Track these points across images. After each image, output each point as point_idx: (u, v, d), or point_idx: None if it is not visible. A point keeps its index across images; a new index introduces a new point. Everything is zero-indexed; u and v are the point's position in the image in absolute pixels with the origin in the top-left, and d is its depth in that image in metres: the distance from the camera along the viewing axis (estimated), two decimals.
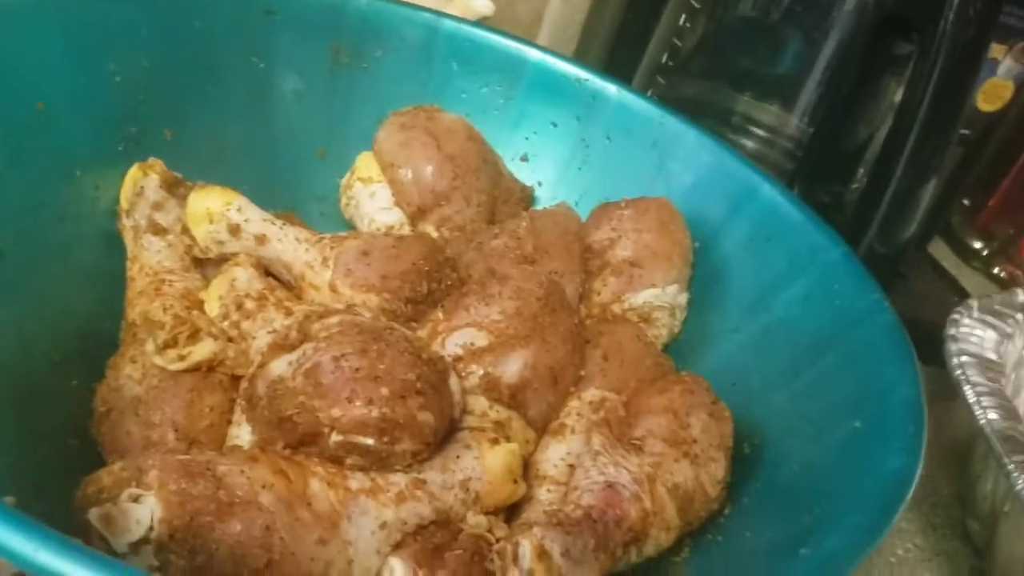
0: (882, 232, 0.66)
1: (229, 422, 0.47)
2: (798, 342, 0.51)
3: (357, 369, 0.41)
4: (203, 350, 0.46)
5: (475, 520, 0.43)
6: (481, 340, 0.47)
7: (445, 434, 0.43)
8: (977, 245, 1.01)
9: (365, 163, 0.59)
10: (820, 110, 0.72)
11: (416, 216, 0.57)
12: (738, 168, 0.58)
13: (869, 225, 0.65)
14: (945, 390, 0.59)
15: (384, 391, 0.40)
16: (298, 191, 0.61)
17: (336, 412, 0.40)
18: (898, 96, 0.67)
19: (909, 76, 0.67)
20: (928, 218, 0.90)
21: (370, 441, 0.40)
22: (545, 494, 0.46)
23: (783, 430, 0.47)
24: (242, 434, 0.45)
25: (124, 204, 0.52)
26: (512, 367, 0.47)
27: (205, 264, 0.52)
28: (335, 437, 0.40)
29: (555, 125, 0.64)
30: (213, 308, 0.49)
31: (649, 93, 0.78)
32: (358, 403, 0.40)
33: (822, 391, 0.47)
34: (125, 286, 0.51)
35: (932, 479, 0.67)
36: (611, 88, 0.62)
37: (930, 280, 0.92)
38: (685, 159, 0.59)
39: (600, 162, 0.63)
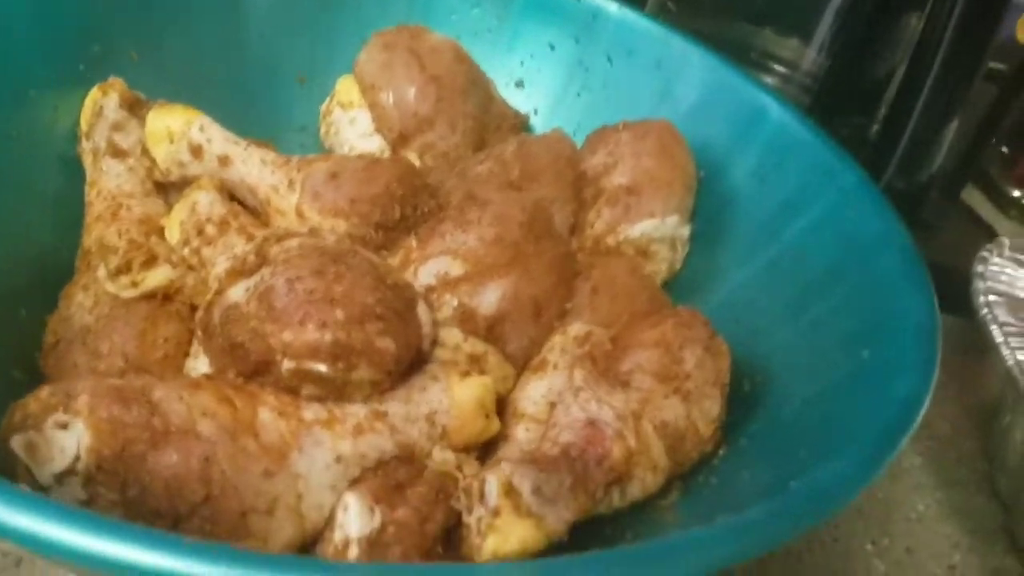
0: (902, 171, 0.60)
1: (187, 355, 0.43)
2: (808, 274, 0.46)
3: (311, 291, 0.37)
4: (158, 276, 0.43)
5: (442, 456, 0.39)
6: (457, 269, 0.43)
7: (411, 365, 0.40)
8: (1016, 194, 0.96)
9: (346, 87, 0.55)
10: (838, 42, 0.66)
11: (398, 143, 0.53)
12: (747, 90, 0.53)
13: (888, 163, 0.60)
14: (976, 341, 0.55)
15: (339, 314, 0.37)
16: (276, 120, 0.57)
17: (287, 336, 0.37)
18: (921, 25, 0.62)
19: (931, 3, 0.61)
20: (961, 162, 0.85)
21: (323, 368, 0.36)
22: (523, 433, 0.42)
23: (788, 366, 0.43)
24: (199, 367, 0.42)
25: (84, 126, 0.49)
26: (489, 298, 0.43)
27: (170, 190, 0.49)
28: (287, 364, 0.37)
29: (552, 47, 0.59)
30: (174, 234, 0.46)
31: None
32: (311, 327, 0.36)
33: (833, 323, 0.43)
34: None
35: (957, 433, 0.63)
36: (612, 6, 0.57)
37: (964, 229, 0.87)
38: (691, 81, 0.55)
39: (600, 86, 0.58)
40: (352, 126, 0.54)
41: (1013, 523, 0.56)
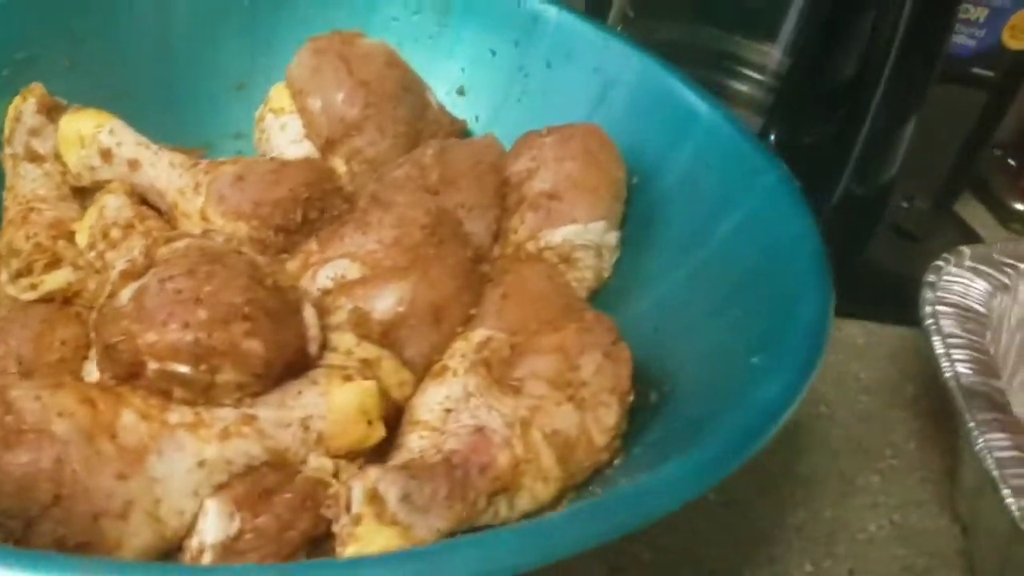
0: (859, 175, 0.58)
1: (85, 358, 0.43)
2: (730, 279, 0.45)
3: (179, 291, 0.37)
4: (57, 279, 0.43)
5: (318, 463, 0.38)
6: (354, 272, 0.43)
7: (291, 369, 0.39)
8: (1019, 207, 0.92)
9: (278, 93, 0.54)
10: (800, 42, 0.64)
11: (325, 148, 0.52)
12: (680, 91, 0.52)
13: (845, 167, 0.58)
14: None
15: (202, 314, 0.36)
16: (213, 127, 0.57)
17: (151, 337, 0.36)
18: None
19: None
20: (952, 173, 0.82)
21: (185, 369, 0.36)
22: (417, 441, 0.41)
23: (695, 375, 0.42)
24: (93, 370, 0.42)
25: (6, 132, 0.49)
26: (385, 302, 0.42)
27: (88, 195, 0.49)
28: (152, 365, 0.36)
29: (493, 53, 0.58)
30: (83, 238, 0.46)
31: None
32: (173, 326, 0.36)
33: (741, 330, 0.41)
34: None
35: (924, 451, 0.60)
36: (551, 10, 0.56)
37: (956, 242, 0.84)
38: (627, 84, 0.54)
39: (540, 92, 0.57)
40: (283, 132, 0.54)
41: (971, 546, 0.53)
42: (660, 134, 0.52)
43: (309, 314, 0.40)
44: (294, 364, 0.39)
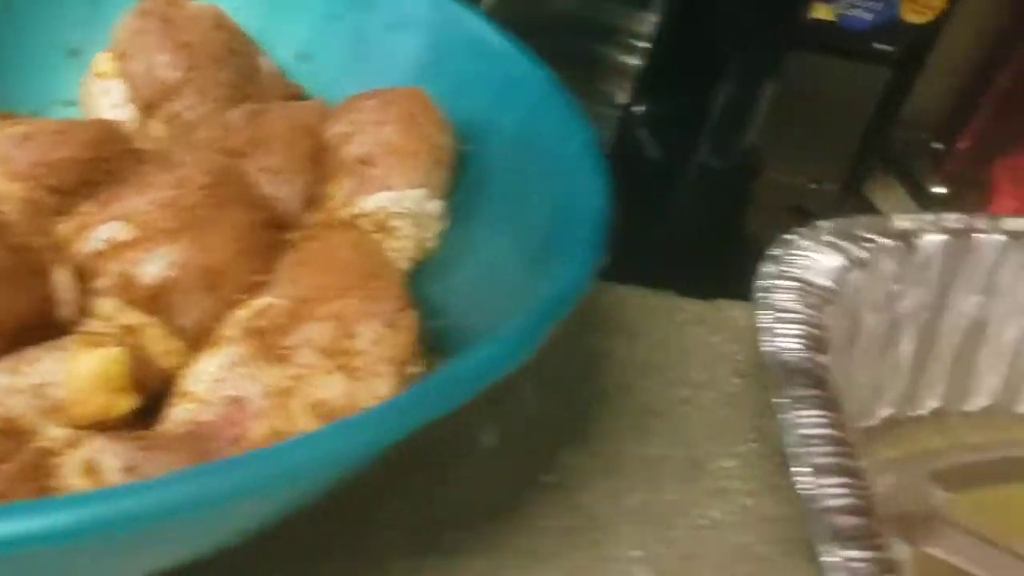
0: (715, 146, 0.56)
1: None
2: (531, 247, 0.43)
3: None
4: None
5: (55, 433, 0.36)
6: (126, 234, 0.40)
7: (29, 334, 0.37)
8: (939, 190, 0.90)
9: (103, 58, 0.52)
10: (667, 8, 0.62)
11: (145, 112, 0.50)
12: (514, 58, 0.50)
13: (699, 139, 0.56)
14: None
15: None
16: (43, 94, 0.55)
17: None
18: None
19: None
20: (857, 152, 0.80)
21: None
22: (181, 412, 0.39)
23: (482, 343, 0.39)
24: None
25: None
26: (153, 266, 0.40)
27: None
28: None
29: (333, 17, 0.56)
30: None
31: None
32: None
33: (529, 301, 0.39)
34: None
35: None
36: None
37: None
38: (462, 50, 0.52)
39: (378, 58, 0.55)
40: (106, 97, 0.52)
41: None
42: (491, 99, 0.50)
43: (60, 276, 0.38)
44: (35, 328, 0.37)
